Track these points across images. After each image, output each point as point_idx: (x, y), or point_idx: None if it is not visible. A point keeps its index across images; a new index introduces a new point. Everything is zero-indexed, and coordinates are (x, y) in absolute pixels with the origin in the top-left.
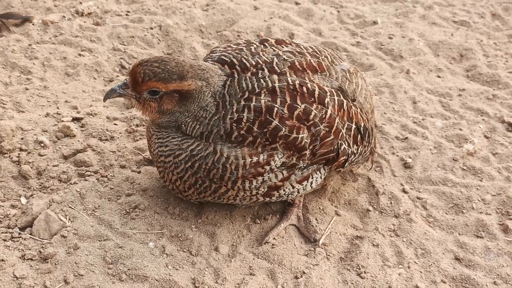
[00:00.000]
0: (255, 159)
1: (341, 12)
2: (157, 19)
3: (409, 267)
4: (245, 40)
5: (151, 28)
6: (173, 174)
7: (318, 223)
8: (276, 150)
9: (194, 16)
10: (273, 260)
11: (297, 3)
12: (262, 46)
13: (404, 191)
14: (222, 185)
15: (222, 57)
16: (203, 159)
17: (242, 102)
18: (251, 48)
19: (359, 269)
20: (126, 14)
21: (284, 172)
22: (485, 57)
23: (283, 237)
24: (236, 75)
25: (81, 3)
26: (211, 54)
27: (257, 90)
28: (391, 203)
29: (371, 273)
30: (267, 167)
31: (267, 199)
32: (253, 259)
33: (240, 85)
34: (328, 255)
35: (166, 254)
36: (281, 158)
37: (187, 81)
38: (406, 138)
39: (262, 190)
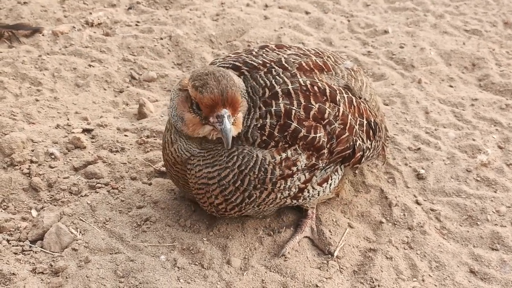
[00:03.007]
0: (283, 155)
1: (351, 21)
2: (167, 29)
3: (423, 280)
4: (244, 49)
5: (161, 39)
6: (217, 197)
7: (332, 235)
8: (297, 151)
9: (204, 26)
10: (286, 274)
11: (307, 13)
12: (263, 50)
13: (417, 202)
14: (264, 189)
15: (221, 65)
16: (252, 170)
17: (263, 108)
18: (252, 53)
19: (373, 282)
20: (136, 25)
21: (306, 174)
22: (498, 66)
23: (296, 250)
24: (247, 73)
25: (91, 13)
26: (211, 65)
27: (276, 88)
28: (404, 215)
29: (384, 286)
30: (294, 168)
31: (294, 201)
32: (266, 272)
33: (257, 82)
34: (341, 268)
35: (178, 267)
36: (304, 158)
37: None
38: (419, 148)
39: (294, 190)
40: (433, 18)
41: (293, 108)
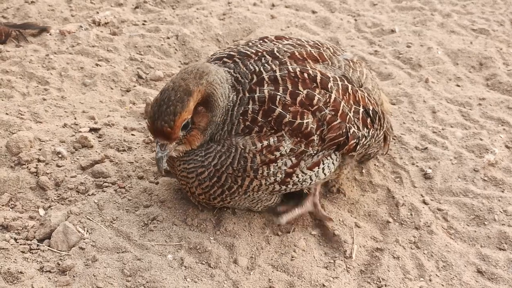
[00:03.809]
0: (265, 143)
1: (358, 20)
2: (173, 29)
3: (430, 280)
4: (244, 41)
5: (168, 38)
6: (196, 188)
7: (342, 234)
8: (283, 137)
9: (211, 25)
10: (293, 273)
11: (314, 12)
12: (260, 41)
13: (424, 202)
14: (246, 176)
15: (218, 56)
16: (230, 166)
17: (247, 94)
18: (248, 44)
19: (380, 282)
20: (143, 24)
21: (293, 159)
22: (505, 66)
23: (303, 250)
24: (238, 60)
25: (98, 13)
26: (211, 57)
27: (263, 74)
28: (411, 214)
29: (391, 286)
30: (277, 153)
31: (283, 187)
32: (272, 271)
33: (247, 67)
34: (348, 268)
35: (185, 267)
36: (288, 144)
37: (195, 91)
38: (426, 148)
39: (280, 175)
40: (440, 17)
41: (278, 93)
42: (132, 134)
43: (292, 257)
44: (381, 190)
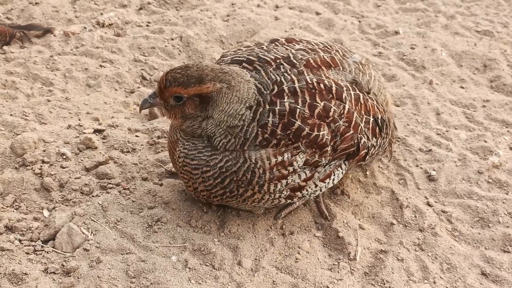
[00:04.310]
0: (279, 158)
1: (362, 22)
2: (177, 30)
3: (434, 282)
4: (255, 43)
5: (172, 39)
6: (199, 185)
7: (346, 236)
8: (299, 150)
9: (215, 26)
10: (297, 275)
11: (317, 13)
12: (273, 44)
13: (428, 204)
14: (249, 189)
15: (235, 58)
16: (234, 174)
17: (267, 106)
18: (262, 47)
19: (384, 284)
20: (147, 25)
21: (307, 171)
22: (509, 67)
23: (307, 252)
24: (259, 68)
25: (102, 14)
26: (222, 59)
27: (284, 85)
28: (415, 216)
29: None
30: (290, 168)
31: (289, 200)
32: (277, 273)
33: (268, 76)
34: (352, 270)
35: (189, 268)
36: (303, 157)
37: (206, 84)
38: (430, 150)
39: (285, 193)
40: (444, 19)
41: (298, 106)
42: (136, 136)
43: (296, 259)
44: (385, 192)
